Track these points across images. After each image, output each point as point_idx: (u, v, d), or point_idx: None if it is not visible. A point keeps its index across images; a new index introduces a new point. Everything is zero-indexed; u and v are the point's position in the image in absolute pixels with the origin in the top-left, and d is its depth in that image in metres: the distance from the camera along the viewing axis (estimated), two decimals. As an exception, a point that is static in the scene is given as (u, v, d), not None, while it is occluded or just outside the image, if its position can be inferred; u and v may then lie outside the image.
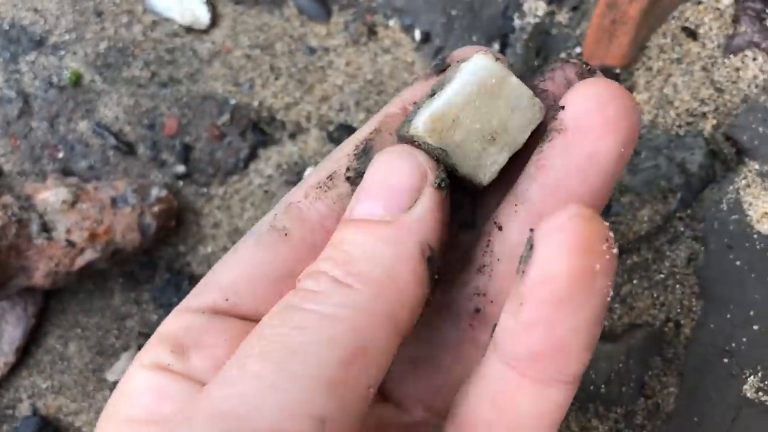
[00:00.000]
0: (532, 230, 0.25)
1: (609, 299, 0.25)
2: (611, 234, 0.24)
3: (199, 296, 0.32)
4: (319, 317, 0.26)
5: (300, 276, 0.28)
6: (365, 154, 0.32)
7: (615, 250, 0.24)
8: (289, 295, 0.27)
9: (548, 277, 0.24)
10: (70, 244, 0.53)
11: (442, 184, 0.29)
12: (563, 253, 0.24)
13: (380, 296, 0.26)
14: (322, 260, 0.28)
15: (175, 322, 0.31)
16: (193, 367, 0.29)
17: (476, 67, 0.29)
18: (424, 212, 0.28)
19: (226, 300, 0.31)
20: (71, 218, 0.54)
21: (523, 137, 0.31)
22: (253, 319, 0.30)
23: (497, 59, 0.30)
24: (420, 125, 0.29)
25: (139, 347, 0.58)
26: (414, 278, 0.27)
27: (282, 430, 0.23)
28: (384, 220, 0.28)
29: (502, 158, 0.31)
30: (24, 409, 0.58)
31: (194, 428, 0.24)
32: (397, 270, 0.27)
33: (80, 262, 0.53)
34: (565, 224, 0.24)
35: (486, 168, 0.30)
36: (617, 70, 0.57)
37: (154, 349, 0.30)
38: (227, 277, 0.32)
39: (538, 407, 0.26)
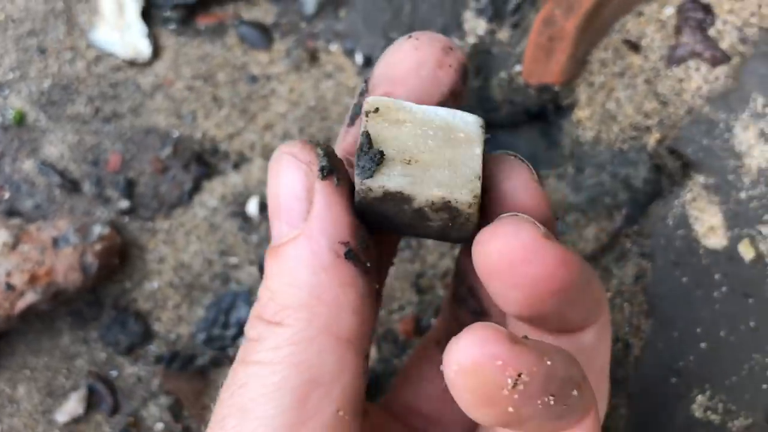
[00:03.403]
0: None
1: None
2: None
3: None
4: (259, 368, 0.25)
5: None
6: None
7: None
8: (240, 349, 0.27)
9: None
10: (10, 287, 0.53)
11: (325, 172, 0.26)
12: None
13: (314, 320, 0.25)
14: (255, 303, 0.28)
15: None
16: None
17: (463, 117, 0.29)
18: (321, 210, 0.26)
19: None
20: (12, 261, 0.53)
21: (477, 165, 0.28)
22: None
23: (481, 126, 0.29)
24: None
25: (89, 387, 0.57)
26: (340, 282, 0.26)
27: None
28: (291, 236, 0.26)
29: (474, 185, 0.27)
30: (-27, 454, 0.57)
31: None
32: (321, 285, 0.26)
33: (21, 305, 0.53)
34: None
35: (462, 187, 0.27)
36: (556, 88, 0.56)
37: None
38: None
39: None
